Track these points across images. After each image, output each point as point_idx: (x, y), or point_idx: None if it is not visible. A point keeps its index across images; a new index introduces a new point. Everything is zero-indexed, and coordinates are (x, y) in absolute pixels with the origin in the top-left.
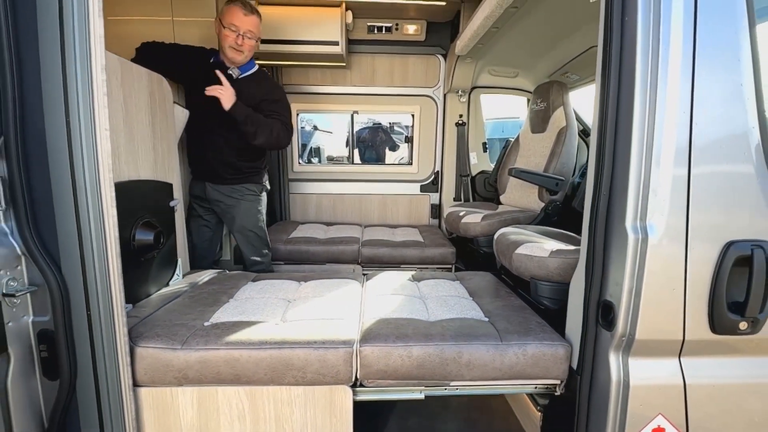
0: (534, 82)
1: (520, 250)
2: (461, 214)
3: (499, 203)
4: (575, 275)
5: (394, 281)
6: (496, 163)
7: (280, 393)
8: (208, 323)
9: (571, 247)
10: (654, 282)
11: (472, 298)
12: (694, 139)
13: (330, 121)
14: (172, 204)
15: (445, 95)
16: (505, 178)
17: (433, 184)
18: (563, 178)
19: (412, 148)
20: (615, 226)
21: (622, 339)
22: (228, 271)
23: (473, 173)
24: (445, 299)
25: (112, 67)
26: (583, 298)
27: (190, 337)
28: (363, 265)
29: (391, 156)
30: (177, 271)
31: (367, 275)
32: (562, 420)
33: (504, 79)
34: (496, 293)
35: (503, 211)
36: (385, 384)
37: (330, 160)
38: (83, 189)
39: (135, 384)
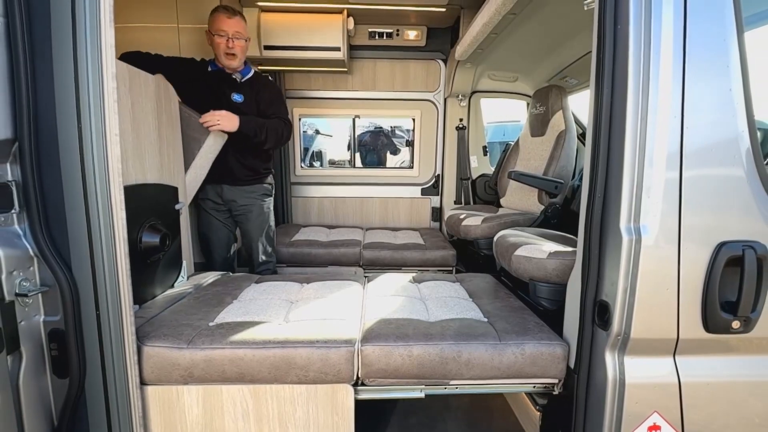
0: (533, 87)
1: (519, 252)
2: (462, 216)
3: (499, 206)
4: (572, 276)
5: (395, 283)
6: (496, 166)
7: (283, 391)
8: (213, 323)
9: (569, 248)
10: (648, 282)
11: (471, 299)
12: (685, 143)
13: (332, 125)
14: (177, 207)
15: (445, 99)
16: (505, 181)
17: (433, 188)
18: (562, 181)
19: (413, 151)
20: (610, 227)
21: (618, 338)
22: (231, 273)
23: (474, 176)
24: (445, 300)
25: (121, 75)
26: (580, 298)
27: (196, 337)
28: (364, 268)
29: (393, 159)
30: (182, 273)
31: (368, 277)
32: (560, 419)
33: (504, 84)
34: (496, 294)
35: (503, 213)
36: (386, 383)
37: (332, 164)
38: (94, 192)
39: (142, 382)
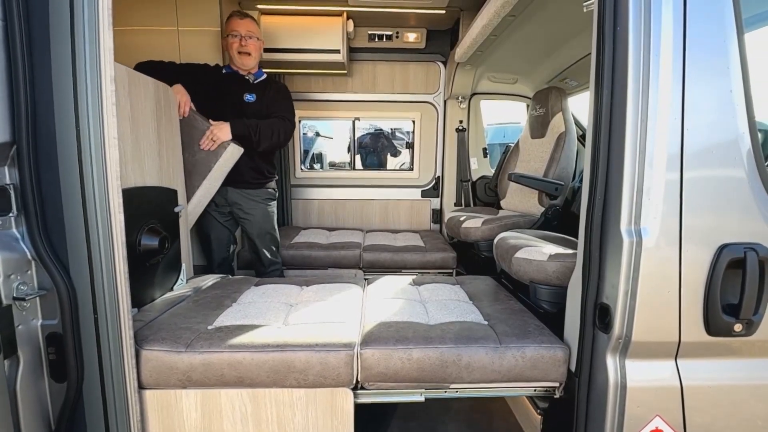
0: (533, 88)
1: (520, 254)
2: (462, 218)
3: (499, 208)
4: (573, 278)
5: (395, 285)
6: (496, 168)
7: (282, 395)
8: (211, 327)
9: (569, 250)
10: (649, 284)
11: (471, 302)
12: (685, 145)
13: (332, 127)
14: (176, 209)
15: (445, 101)
16: (506, 183)
17: (434, 190)
18: (563, 183)
19: (413, 153)
20: (610, 229)
21: (619, 341)
22: (231, 276)
23: (474, 178)
24: (445, 303)
25: (120, 77)
26: (581, 300)
27: (195, 340)
28: (364, 270)
29: (393, 162)
30: (181, 276)
31: (368, 279)
32: (562, 423)
33: (503, 86)
34: (496, 297)
35: (503, 215)
36: (385, 386)
37: (332, 166)
38: (92, 195)
39: (140, 386)
